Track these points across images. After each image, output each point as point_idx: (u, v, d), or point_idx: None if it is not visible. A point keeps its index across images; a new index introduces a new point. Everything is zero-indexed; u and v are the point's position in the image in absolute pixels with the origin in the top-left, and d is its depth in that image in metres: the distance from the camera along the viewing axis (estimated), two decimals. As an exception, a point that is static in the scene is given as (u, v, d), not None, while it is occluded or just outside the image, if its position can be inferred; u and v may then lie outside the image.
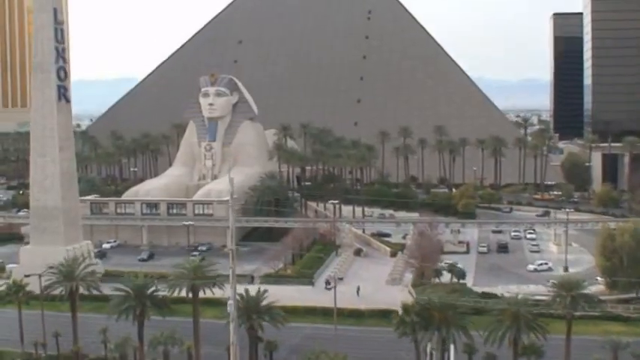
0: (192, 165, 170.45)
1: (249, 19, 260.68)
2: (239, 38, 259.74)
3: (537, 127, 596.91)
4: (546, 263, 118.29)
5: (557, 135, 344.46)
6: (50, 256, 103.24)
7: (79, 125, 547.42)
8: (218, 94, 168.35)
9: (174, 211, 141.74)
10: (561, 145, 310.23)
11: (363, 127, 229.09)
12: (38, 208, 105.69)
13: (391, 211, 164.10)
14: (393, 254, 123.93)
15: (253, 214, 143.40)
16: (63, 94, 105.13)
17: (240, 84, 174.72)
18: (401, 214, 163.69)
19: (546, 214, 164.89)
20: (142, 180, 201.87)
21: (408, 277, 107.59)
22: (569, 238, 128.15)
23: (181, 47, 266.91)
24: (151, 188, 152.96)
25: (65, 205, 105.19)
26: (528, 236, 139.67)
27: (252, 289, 75.94)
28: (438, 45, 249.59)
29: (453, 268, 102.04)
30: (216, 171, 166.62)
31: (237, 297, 68.29)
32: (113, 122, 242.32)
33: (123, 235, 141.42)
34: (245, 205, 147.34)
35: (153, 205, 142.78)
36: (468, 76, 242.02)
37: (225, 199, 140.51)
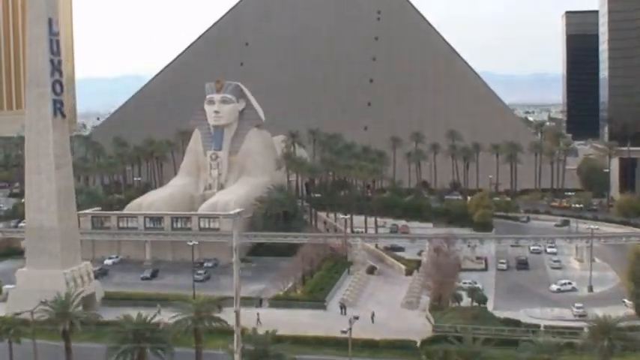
0: (197, 174, 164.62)
1: (256, 21, 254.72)
2: (246, 40, 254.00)
3: (548, 123, 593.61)
4: (570, 283, 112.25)
5: (570, 135, 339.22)
6: (47, 279, 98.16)
7: (84, 125, 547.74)
8: (224, 102, 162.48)
9: (179, 225, 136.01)
10: (576, 145, 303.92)
11: (373, 131, 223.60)
12: (34, 228, 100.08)
13: (404, 221, 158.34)
14: (409, 272, 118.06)
15: (261, 227, 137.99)
16: (59, 108, 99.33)
17: (246, 90, 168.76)
18: (414, 224, 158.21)
19: (565, 223, 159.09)
20: (146, 187, 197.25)
21: (425, 299, 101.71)
22: (590, 250, 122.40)
23: (186, 49, 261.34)
24: (155, 199, 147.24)
25: (62, 226, 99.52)
26: (549, 250, 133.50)
27: (262, 314, 69.66)
28: (450, 46, 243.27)
29: (473, 292, 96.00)
30: (222, 180, 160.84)
31: (243, 336, 63.31)
32: (117, 127, 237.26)
33: (125, 250, 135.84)
34: (252, 218, 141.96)
35: (156, 219, 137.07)
36: (480, 78, 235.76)
37: (232, 212, 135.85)
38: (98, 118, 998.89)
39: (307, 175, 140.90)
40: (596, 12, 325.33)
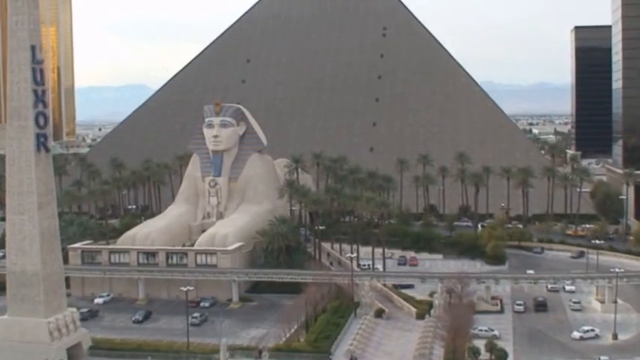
0: (195, 202, 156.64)
1: (258, 37, 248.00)
2: (247, 57, 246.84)
3: (554, 136, 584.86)
4: (593, 330, 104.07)
5: (579, 153, 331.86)
6: (29, 329, 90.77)
7: (84, 139, 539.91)
8: (223, 125, 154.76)
9: (174, 260, 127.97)
10: (585, 163, 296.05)
11: (379, 152, 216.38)
12: (15, 273, 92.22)
13: (412, 253, 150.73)
14: (420, 316, 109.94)
15: (262, 261, 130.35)
16: (42, 143, 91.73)
17: (247, 113, 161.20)
18: (423, 255, 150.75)
19: (581, 255, 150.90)
20: (144, 210, 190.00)
21: (438, 351, 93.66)
22: (612, 290, 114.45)
23: (186, 66, 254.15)
24: (150, 231, 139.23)
25: (46, 271, 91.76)
26: (567, 288, 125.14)
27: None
28: (458, 63, 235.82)
29: (492, 347, 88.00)
30: (221, 208, 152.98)
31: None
32: (114, 146, 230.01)
33: (118, 287, 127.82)
34: (253, 251, 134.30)
35: (150, 254, 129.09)
36: (490, 98, 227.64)
37: (231, 248, 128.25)
38: (100, 129, 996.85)
39: (311, 206, 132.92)
40: (605, 27, 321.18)
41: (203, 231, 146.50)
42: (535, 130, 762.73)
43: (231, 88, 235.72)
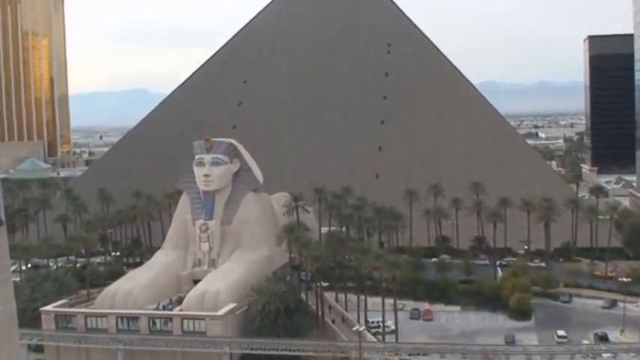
0: (185, 247, 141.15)
1: (256, 56, 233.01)
2: (244, 77, 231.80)
3: (562, 141, 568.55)
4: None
5: (595, 169, 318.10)
6: None
7: (80, 154, 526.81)
8: (215, 163, 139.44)
9: (158, 326, 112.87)
10: (602, 180, 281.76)
11: (385, 179, 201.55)
12: (-39, 369, 77.34)
13: (427, 304, 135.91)
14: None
15: (257, 324, 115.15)
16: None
17: (241, 148, 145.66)
18: (438, 307, 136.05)
19: (614, 304, 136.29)
20: (135, 245, 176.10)
21: None
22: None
23: (180, 87, 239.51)
24: (133, 287, 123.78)
25: (0, 363, 76.81)
26: (604, 356, 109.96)
27: None
28: (468, 81, 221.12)
29: None
30: (214, 255, 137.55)
31: None
32: (103, 175, 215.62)
33: (95, 356, 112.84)
34: (248, 310, 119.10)
35: (132, 318, 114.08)
36: (504, 119, 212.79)
37: (222, 313, 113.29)
38: (101, 137, 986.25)
39: (312, 263, 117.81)
40: (619, 35, 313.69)
41: (193, 280, 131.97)
42: (541, 134, 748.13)
43: (226, 111, 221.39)
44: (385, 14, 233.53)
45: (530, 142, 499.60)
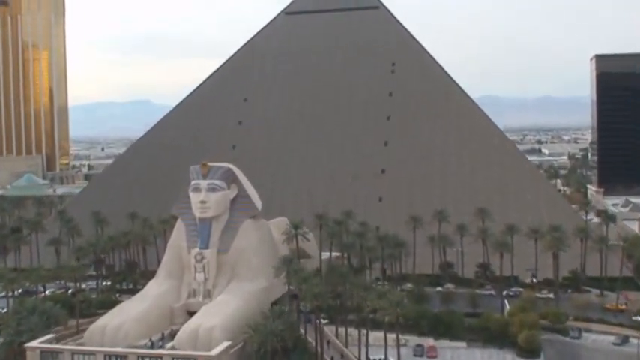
0: (180, 276, 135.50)
1: (257, 74, 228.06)
2: (244, 95, 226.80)
3: (566, 158, 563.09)
4: None
5: (602, 190, 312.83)
6: None
7: (80, 168, 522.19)
8: (212, 189, 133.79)
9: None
10: (609, 203, 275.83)
11: (388, 202, 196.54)
12: None
13: (431, 340, 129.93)
14: None
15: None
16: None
17: (239, 173, 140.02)
18: (444, 343, 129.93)
19: (625, 340, 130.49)
20: (131, 267, 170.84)
21: None
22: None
23: (179, 104, 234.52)
24: (124, 321, 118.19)
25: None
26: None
27: None
28: (473, 102, 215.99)
29: None
30: (209, 286, 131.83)
31: None
32: (98, 197, 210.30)
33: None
34: (243, 347, 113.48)
35: (120, 357, 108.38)
36: (512, 143, 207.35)
37: (215, 352, 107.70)
38: (103, 149, 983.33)
39: (312, 301, 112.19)
40: (626, 55, 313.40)
41: (188, 312, 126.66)
42: (545, 150, 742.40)
43: (226, 130, 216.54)
44: (389, 33, 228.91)
45: (533, 158, 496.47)
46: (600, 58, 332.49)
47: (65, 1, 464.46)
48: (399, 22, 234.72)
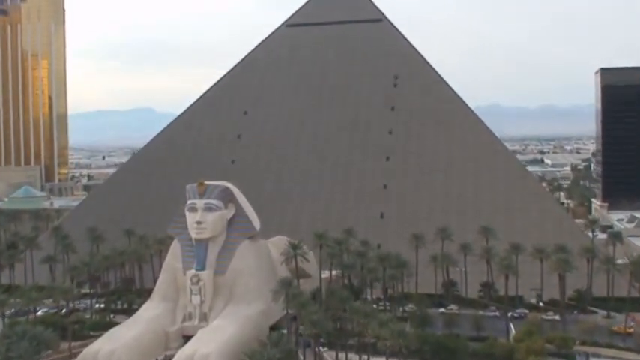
0: (175, 298, 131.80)
1: (257, 87, 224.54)
2: (244, 108, 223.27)
3: (569, 169, 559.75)
4: None
5: (606, 205, 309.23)
6: None
7: (79, 179, 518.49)
8: (208, 209, 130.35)
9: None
10: (614, 218, 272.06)
11: (390, 218, 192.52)
12: None
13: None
14: None
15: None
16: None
17: (236, 192, 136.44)
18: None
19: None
20: (127, 285, 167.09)
21: None
22: None
23: (178, 117, 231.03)
24: (116, 347, 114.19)
25: None
26: None
27: None
28: (477, 117, 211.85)
29: None
30: (205, 309, 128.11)
31: None
32: (94, 212, 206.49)
33: None
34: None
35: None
36: (516, 159, 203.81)
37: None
38: (104, 158, 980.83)
39: (310, 329, 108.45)
40: (632, 69, 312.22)
41: (183, 336, 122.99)
42: (547, 161, 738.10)
43: (225, 144, 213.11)
44: (392, 45, 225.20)
45: (536, 169, 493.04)
46: (605, 71, 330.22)
47: (65, 10, 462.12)
48: (401, 33, 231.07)
